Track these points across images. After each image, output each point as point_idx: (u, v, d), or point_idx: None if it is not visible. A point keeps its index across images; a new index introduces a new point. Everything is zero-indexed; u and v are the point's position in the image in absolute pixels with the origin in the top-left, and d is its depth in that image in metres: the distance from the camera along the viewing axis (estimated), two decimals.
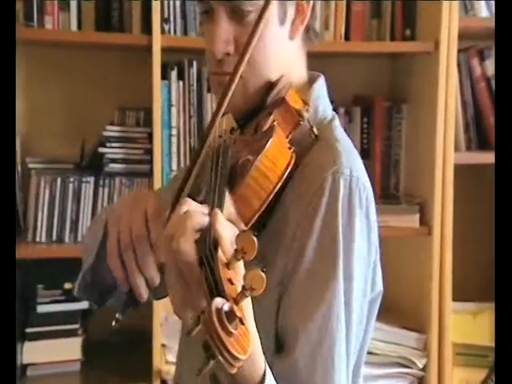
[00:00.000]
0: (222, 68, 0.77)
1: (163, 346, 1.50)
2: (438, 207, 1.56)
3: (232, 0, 0.74)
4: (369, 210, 0.73)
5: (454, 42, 1.53)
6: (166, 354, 1.50)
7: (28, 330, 1.51)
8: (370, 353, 1.34)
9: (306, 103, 0.77)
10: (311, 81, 0.84)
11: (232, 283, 0.53)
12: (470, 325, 1.61)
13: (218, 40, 0.75)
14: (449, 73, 1.54)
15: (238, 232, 0.55)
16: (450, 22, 1.52)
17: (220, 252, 0.56)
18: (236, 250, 0.54)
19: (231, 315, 0.50)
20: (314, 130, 0.75)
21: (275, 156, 0.68)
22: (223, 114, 0.76)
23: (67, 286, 1.53)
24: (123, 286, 0.71)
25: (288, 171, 0.69)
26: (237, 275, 0.55)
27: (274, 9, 0.76)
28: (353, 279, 0.71)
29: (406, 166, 1.68)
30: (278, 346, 0.71)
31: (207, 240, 0.58)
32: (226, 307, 0.50)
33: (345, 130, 0.82)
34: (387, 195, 1.66)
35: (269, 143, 0.68)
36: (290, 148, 0.72)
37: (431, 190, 1.56)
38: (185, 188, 0.73)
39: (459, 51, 1.56)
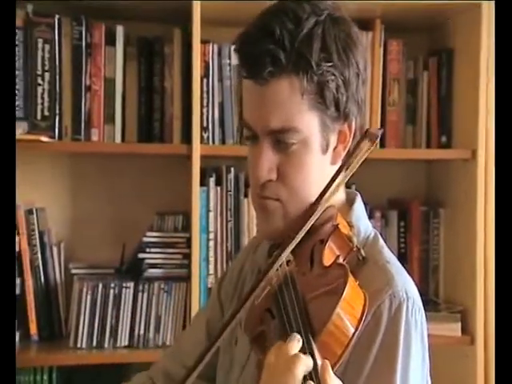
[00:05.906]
0: (263, 192, 0.80)
1: None
2: (481, 316, 1.52)
3: (276, 133, 0.77)
4: (423, 332, 0.75)
5: (491, 150, 1.52)
6: None
7: None
8: None
9: (350, 226, 0.78)
10: (349, 200, 0.85)
11: None
12: None
13: (261, 168, 0.78)
14: (487, 179, 1.53)
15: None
16: (487, 131, 1.52)
17: None
18: None
19: None
20: (362, 252, 0.76)
21: (353, 299, 0.67)
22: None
23: None
24: None
25: (366, 313, 0.67)
26: None
27: (316, 139, 0.78)
28: None
29: (446, 272, 1.65)
30: None
31: None
32: None
33: (381, 234, 0.84)
34: (426, 301, 1.62)
35: (346, 287, 0.66)
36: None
37: (473, 298, 1.53)
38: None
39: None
